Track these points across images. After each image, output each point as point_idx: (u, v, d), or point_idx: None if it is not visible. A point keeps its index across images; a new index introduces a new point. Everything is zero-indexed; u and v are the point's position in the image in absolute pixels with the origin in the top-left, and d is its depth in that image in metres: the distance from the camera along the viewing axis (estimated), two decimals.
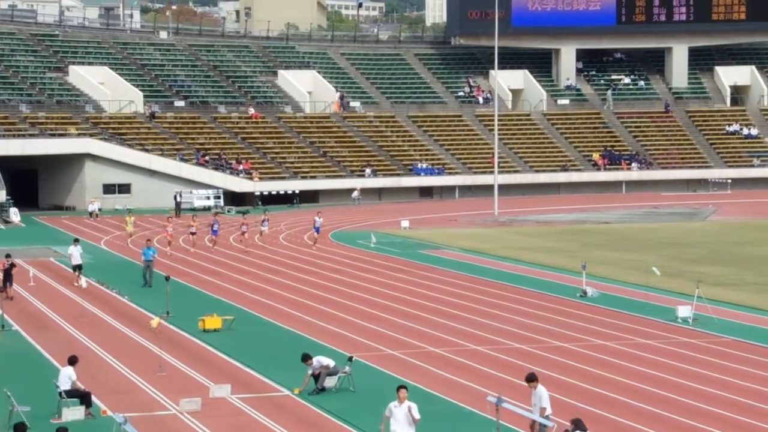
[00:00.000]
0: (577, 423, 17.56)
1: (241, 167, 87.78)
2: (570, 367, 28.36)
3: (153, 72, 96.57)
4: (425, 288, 42.48)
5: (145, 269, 43.35)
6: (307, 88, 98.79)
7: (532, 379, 20.38)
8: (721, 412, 23.63)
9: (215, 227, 56.68)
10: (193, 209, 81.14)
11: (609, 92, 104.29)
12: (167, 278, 36.72)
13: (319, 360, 26.08)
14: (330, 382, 26.05)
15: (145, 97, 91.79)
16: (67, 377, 23.99)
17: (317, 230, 57.52)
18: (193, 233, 55.62)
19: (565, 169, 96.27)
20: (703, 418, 23.19)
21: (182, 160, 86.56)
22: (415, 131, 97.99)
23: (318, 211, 59.91)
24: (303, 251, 55.85)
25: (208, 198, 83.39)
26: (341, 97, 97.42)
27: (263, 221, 58.91)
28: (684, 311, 34.33)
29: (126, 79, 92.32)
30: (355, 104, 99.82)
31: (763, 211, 75.45)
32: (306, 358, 26.16)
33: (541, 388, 20.26)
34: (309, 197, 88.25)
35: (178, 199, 78.72)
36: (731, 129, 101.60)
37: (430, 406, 24.76)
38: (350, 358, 27.03)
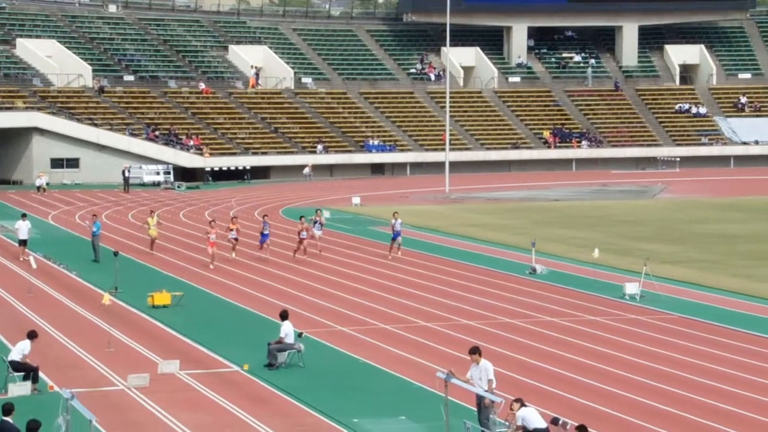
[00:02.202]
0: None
1: (191, 143, 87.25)
2: (518, 343, 28.54)
3: (102, 46, 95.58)
4: (375, 265, 42.51)
5: (93, 243, 43.06)
6: (258, 64, 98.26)
7: (475, 351, 20.50)
8: (667, 388, 23.90)
9: (266, 230, 43.51)
10: (142, 184, 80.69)
11: (589, 69, 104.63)
12: (116, 253, 36.48)
13: (286, 330, 26.10)
14: (281, 357, 26.05)
15: (94, 71, 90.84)
16: (20, 350, 23.79)
17: (396, 236, 43.77)
18: (235, 239, 43.22)
19: (515, 146, 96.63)
20: (650, 393, 23.44)
21: (132, 135, 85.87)
22: (366, 108, 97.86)
23: (394, 213, 44.84)
24: (252, 227, 55.66)
25: (158, 173, 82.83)
26: (257, 73, 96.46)
27: (315, 222, 45.25)
28: (631, 288, 34.64)
29: (74, 53, 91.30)
30: (307, 80, 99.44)
31: (711, 189, 76.23)
32: (283, 316, 26.30)
33: (485, 362, 20.39)
34: (260, 173, 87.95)
35: (127, 174, 78.11)
36: (681, 108, 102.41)
37: (379, 383, 24.83)
38: (300, 335, 27.02)
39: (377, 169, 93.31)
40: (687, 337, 29.11)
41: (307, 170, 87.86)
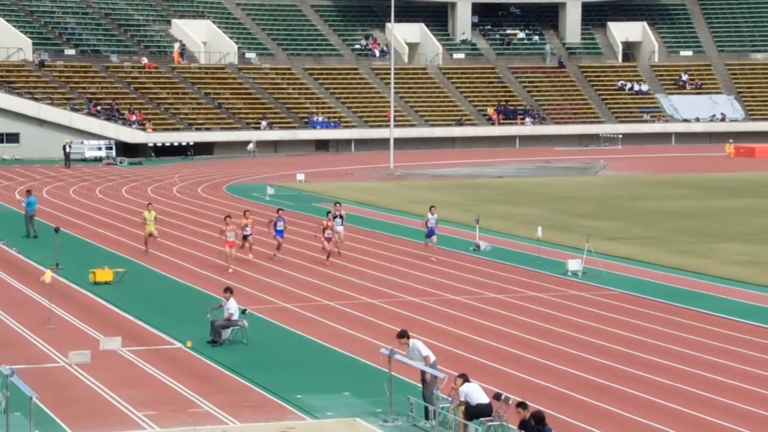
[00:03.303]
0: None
1: (133, 118, 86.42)
2: (462, 319, 28.65)
3: (42, 19, 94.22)
4: (319, 241, 42.42)
5: (27, 219, 42.55)
6: (202, 38, 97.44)
7: (403, 335, 20.59)
8: (609, 364, 24.12)
9: (279, 225, 38.10)
10: (84, 160, 79.84)
11: (547, 46, 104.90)
12: (57, 230, 36.07)
13: (229, 308, 25.98)
14: (224, 334, 25.95)
15: (34, 44, 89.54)
16: None
17: (431, 233, 38.18)
18: (246, 236, 37.59)
19: (460, 123, 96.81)
20: (592, 369, 23.64)
21: (73, 109, 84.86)
22: (311, 84, 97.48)
23: (431, 207, 39.35)
24: (196, 203, 55.33)
25: (100, 149, 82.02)
26: (182, 47, 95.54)
27: (335, 217, 38.26)
28: (574, 265, 34.87)
29: (14, 26, 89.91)
30: (251, 56, 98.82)
31: (652, 166, 76.94)
32: (228, 291, 26.30)
33: (414, 342, 20.48)
34: (204, 149, 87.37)
35: (68, 150, 77.22)
36: (623, 85, 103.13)
37: (323, 359, 24.83)
38: (244, 311, 26.93)
39: (322, 145, 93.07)
40: (628, 313, 29.38)
41: (251, 146, 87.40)
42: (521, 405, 17.46)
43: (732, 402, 21.16)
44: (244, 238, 37.25)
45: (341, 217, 38.67)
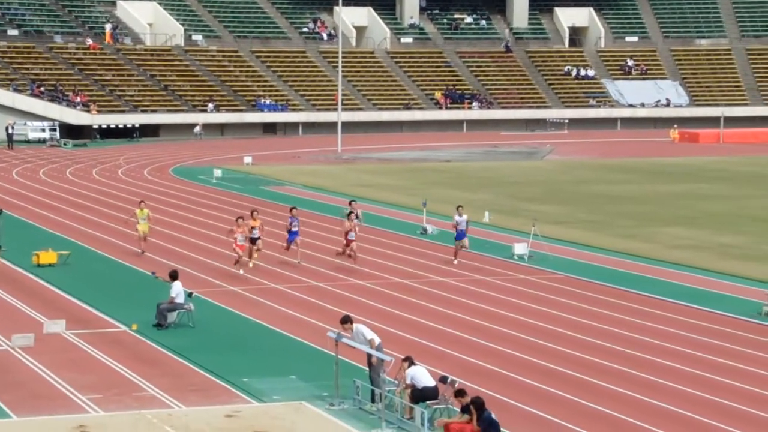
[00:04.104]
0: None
1: (78, 99, 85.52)
2: (408, 303, 28.70)
3: None
4: (266, 224, 42.27)
5: None
6: (148, 20, 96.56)
7: (346, 320, 20.61)
8: (554, 347, 24.30)
9: (294, 226, 33.84)
10: (27, 141, 78.93)
11: (507, 31, 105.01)
12: None
13: (176, 289, 25.84)
14: (170, 317, 25.81)
15: None
16: None
17: (459, 236, 34.24)
18: (254, 240, 32.80)
19: (407, 107, 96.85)
20: (538, 352, 23.80)
21: (16, 90, 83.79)
22: (258, 67, 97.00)
23: (458, 207, 34.85)
24: (142, 186, 54.92)
25: (44, 130, 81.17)
26: (114, 28, 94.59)
27: (348, 214, 34.08)
28: (520, 248, 35.05)
29: None
30: (198, 38, 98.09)
31: (598, 151, 77.48)
32: (173, 276, 26.16)
33: (357, 326, 20.51)
34: (149, 131, 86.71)
35: (11, 131, 76.28)
36: (569, 70, 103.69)
37: (270, 342, 24.79)
38: (190, 294, 26.79)
39: (269, 128, 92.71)
40: (574, 296, 29.60)
41: (197, 129, 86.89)
42: (459, 393, 17.63)
43: (673, 384, 21.41)
44: (252, 241, 32.48)
45: (357, 216, 34.42)
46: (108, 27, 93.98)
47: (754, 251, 36.20)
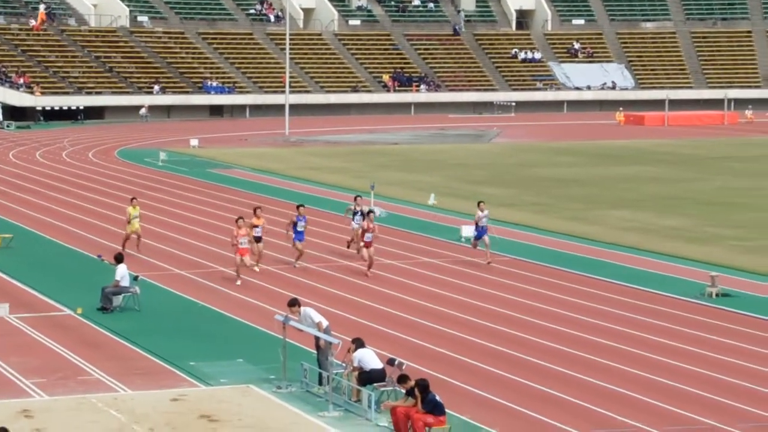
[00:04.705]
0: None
1: (21, 81, 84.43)
2: (356, 285, 28.70)
3: None
4: (214, 207, 42.11)
5: None
6: (93, 1, 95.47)
7: (294, 303, 20.59)
8: (500, 329, 24.42)
9: (300, 225, 30.92)
10: None
11: (461, 13, 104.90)
12: None
13: (121, 272, 25.65)
14: (115, 301, 25.62)
15: None
16: None
17: (480, 234, 31.82)
18: (258, 239, 30.20)
19: (355, 90, 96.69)
20: (483, 334, 23.91)
21: None
22: (205, 48, 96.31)
23: (480, 202, 32.59)
24: (86, 168, 54.40)
25: None
26: (47, 8, 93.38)
27: (354, 214, 32.45)
28: (467, 231, 35.15)
29: None
30: (143, 19, 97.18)
31: (544, 133, 77.88)
32: (119, 259, 25.94)
33: (305, 308, 20.49)
34: (94, 113, 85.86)
35: None
36: (516, 53, 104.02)
37: (217, 326, 24.68)
38: (136, 278, 26.61)
39: (216, 110, 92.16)
40: (520, 278, 29.75)
41: (143, 111, 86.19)
42: (401, 380, 17.64)
43: (620, 366, 21.60)
44: (256, 240, 29.81)
45: (362, 213, 31.64)
46: (42, 8, 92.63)
47: (697, 233, 36.60)
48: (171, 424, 17.73)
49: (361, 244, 29.89)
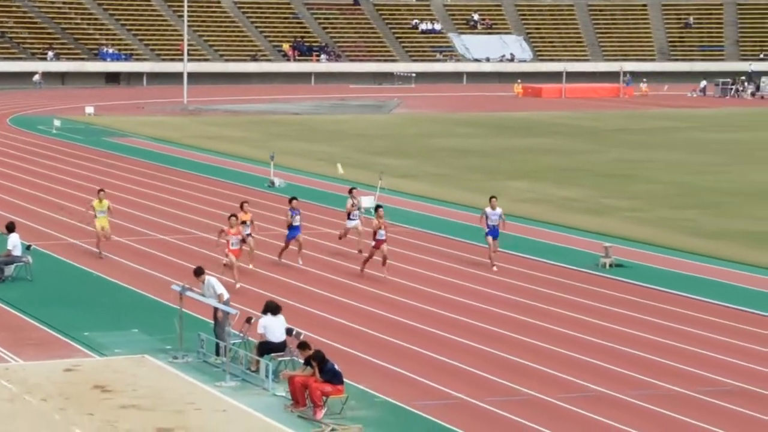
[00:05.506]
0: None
1: None
2: (255, 256, 28.50)
3: None
4: (110, 176, 41.48)
5: None
6: None
7: (199, 272, 20.44)
8: (398, 299, 24.50)
9: (295, 220, 27.87)
10: None
11: None
12: None
13: (12, 241, 25.14)
14: (7, 271, 25.11)
15: None
16: None
17: (494, 233, 27.66)
18: (247, 237, 26.84)
19: (255, 59, 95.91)
20: (380, 303, 23.98)
21: None
22: (100, 14, 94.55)
23: (492, 197, 28.48)
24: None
25: None
26: None
27: (377, 207, 27.84)
28: (367, 201, 35.08)
29: None
30: None
31: (444, 104, 78.22)
32: (10, 228, 25.34)
33: (209, 278, 20.36)
34: None
35: None
36: (416, 24, 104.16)
37: (113, 296, 24.34)
38: (28, 247, 26.12)
39: (112, 78, 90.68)
40: (418, 249, 29.86)
41: (37, 77, 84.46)
42: (302, 346, 17.67)
43: (515, 335, 21.83)
44: (246, 239, 26.56)
45: (360, 207, 29.39)
46: None
47: (593, 205, 37.13)
48: (64, 394, 17.47)
49: (372, 243, 26.25)
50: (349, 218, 28.76)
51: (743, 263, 28.34)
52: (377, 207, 27.39)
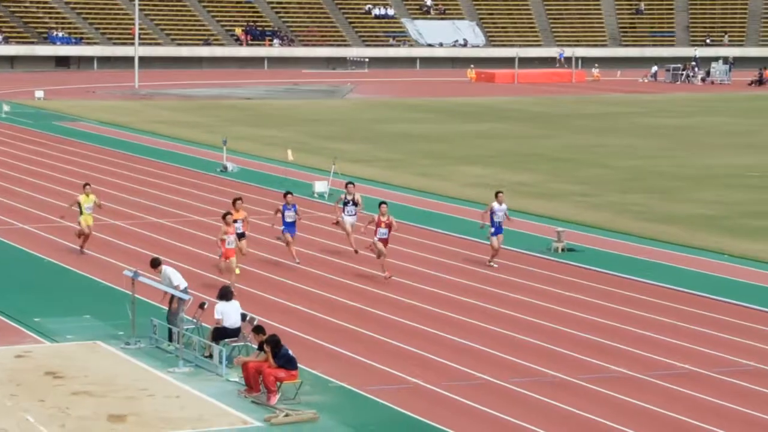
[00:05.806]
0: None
1: None
2: (209, 241, 28.42)
3: None
4: (60, 161, 41.16)
5: None
6: None
7: (156, 264, 20.34)
8: (350, 283, 24.55)
9: (289, 216, 26.37)
10: None
11: None
12: None
13: None
14: None
15: None
16: None
17: (498, 229, 26.28)
18: (241, 235, 24.98)
19: (207, 43, 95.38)
20: (333, 288, 24.01)
21: None
22: None
23: (498, 192, 26.84)
24: None
25: None
26: None
27: (346, 204, 27.34)
28: (320, 186, 35.19)
29: None
30: None
31: (397, 90, 78.25)
32: None
33: (166, 269, 20.27)
34: None
35: None
36: (369, 9, 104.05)
37: (64, 282, 24.19)
38: None
39: (62, 62, 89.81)
40: (370, 234, 29.85)
41: None
42: (256, 330, 17.68)
43: (466, 319, 21.96)
44: (240, 239, 24.80)
45: (354, 203, 27.29)
46: None
47: (545, 189, 37.36)
48: (15, 380, 17.36)
49: (375, 239, 24.84)
50: (344, 212, 27.10)
51: (691, 246, 28.67)
52: (381, 203, 25.78)
